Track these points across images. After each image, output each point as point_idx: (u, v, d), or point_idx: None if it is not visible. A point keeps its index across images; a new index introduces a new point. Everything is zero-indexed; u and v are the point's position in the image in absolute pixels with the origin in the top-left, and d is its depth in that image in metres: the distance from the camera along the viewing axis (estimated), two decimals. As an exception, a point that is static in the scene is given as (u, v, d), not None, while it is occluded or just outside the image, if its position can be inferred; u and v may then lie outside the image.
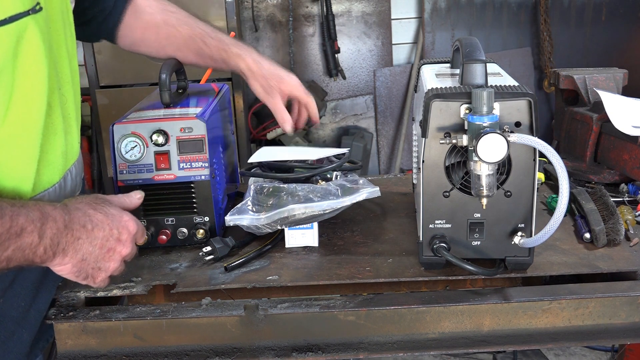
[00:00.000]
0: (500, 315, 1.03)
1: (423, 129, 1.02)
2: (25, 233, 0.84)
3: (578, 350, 2.70)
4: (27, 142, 0.94)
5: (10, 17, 0.84)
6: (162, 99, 1.23)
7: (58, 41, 1.00)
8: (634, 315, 1.03)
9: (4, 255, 0.83)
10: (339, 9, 3.73)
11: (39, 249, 0.86)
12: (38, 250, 0.86)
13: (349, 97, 3.85)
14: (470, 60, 1.01)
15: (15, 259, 0.85)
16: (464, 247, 1.06)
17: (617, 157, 1.45)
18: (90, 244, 0.93)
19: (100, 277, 0.97)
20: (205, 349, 1.03)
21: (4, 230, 0.82)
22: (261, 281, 1.10)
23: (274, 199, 1.21)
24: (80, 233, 0.91)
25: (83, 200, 0.95)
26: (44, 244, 0.87)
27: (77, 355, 1.04)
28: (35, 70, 0.92)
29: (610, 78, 1.62)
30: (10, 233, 0.82)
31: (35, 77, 0.92)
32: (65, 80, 1.03)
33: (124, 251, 0.97)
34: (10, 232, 0.82)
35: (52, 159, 1.00)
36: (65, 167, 1.06)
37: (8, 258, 0.84)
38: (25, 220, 0.84)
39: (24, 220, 0.84)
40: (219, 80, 2.96)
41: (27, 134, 0.93)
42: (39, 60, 0.92)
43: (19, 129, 0.91)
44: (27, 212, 0.85)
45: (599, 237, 1.16)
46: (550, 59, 3.79)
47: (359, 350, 1.03)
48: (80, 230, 0.91)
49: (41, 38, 0.91)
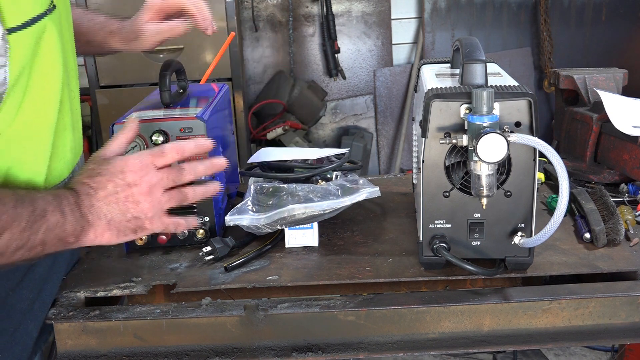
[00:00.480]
0: (500, 315, 1.03)
1: (423, 129, 1.02)
2: (48, 213, 0.85)
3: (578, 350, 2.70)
4: (41, 139, 0.95)
5: (31, 19, 0.86)
6: (162, 99, 1.23)
7: (67, 38, 1.02)
8: (634, 315, 1.03)
9: (37, 239, 0.84)
10: (339, 9, 3.73)
11: (66, 225, 0.87)
12: (66, 227, 0.87)
13: (349, 97, 3.85)
14: (470, 60, 1.01)
15: (49, 241, 0.86)
16: (464, 247, 1.06)
17: (617, 157, 1.45)
18: (105, 204, 0.91)
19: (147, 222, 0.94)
20: (205, 349, 1.03)
21: (29, 212, 0.83)
22: (261, 281, 1.10)
23: (274, 199, 1.21)
24: (89, 201, 0.91)
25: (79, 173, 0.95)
26: (69, 221, 0.88)
27: (77, 355, 1.04)
28: (51, 69, 0.94)
29: (610, 78, 1.62)
30: (35, 215, 0.84)
31: (51, 75, 0.94)
32: (72, 75, 1.06)
33: (142, 188, 0.93)
34: (35, 214, 0.84)
35: (62, 154, 1.02)
36: (74, 162, 1.08)
37: (42, 241, 0.85)
38: (44, 202, 0.86)
39: (42, 202, 0.85)
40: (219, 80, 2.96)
41: (41, 130, 0.95)
42: (55, 58, 0.94)
43: (33, 125, 0.93)
44: (42, 195, 0.87)
45: (599, 237, 1.16)
46: (550, 59, 3.79)
47: (359, 350, 1.03)
48: (87, 199, 0.91)
49: (57, 37, 0.93)
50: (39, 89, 0.92)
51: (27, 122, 0.91)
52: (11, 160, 0.91)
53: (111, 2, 3.00)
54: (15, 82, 0.86)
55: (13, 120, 0.89)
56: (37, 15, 0.87)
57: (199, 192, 1.00)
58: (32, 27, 0.86)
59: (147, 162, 0.94)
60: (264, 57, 3.77)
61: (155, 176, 0.94)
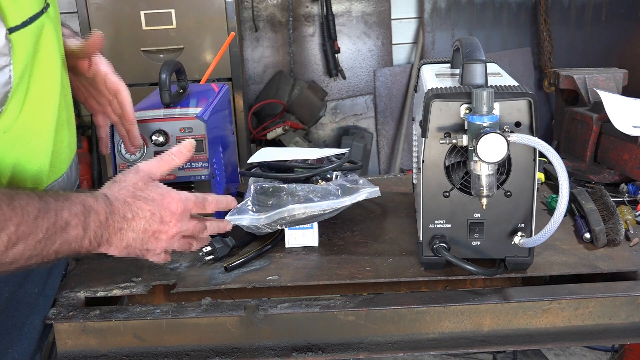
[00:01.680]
0: (500, 315, 1.03)
1: (423, 129, 1.02)
2: (70, 227, 0.86)
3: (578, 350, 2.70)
4: (43, 135, 0.96)
5: (30, 17, 0.87)
6: (162, 99, 1.23)
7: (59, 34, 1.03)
8: (634, 315, 1.03)
9: (52, 249, 0.85)
10: (339, 9, 3.73)
11: (84, 241, 0.88)
12: (84, 242, 0.88)
13: (349, 97, 3.85)
14: (470, 60, 1.01)
15: (62, 251, 0.86)
16: (464, 247, 1.06)
17: (617, 157, 1.45)
18: (133, 231, 0.94)
19: (151, 255, 0.99)
20: (205, 349, 1.03)
21: (50, 224, 0.83)
22: (261, 281, 1.10)
23: (274, 199, 1.21)
24: (121, 224, 0.93)
25: (125, 187, 0.96)
26: (88, 237, 0.88)
27: (77, 355, 1.04)
28: (50, 66, 0.95)
29: (610, 78, 1.62)
30: (56, 227, 0.84)
31: (50, 72, 0.95)
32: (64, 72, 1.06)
33: (171, 231, 0.97)
34: (56, 227, 0.84)
35: (60, 150, 1.03)
36: (70, 157, 1.09)
37: (57, 251, 0.85)
38: (69, 214, 0.86)
39: (67, 214, 0.85)
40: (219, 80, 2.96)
41: (44, 127, 0.96)
42: (54, 55, 0.95)
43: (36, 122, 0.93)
44: (70, 206, 0.87)
45: (599, 237, 1.16)
46: (550, 59, 3.79)
47: (359, 350, 1.03)
48: (121, 222, 0.93)
49: (54, 34, 0.94)
50: (40, 86, 0.92)
51: (30, 119, 0.92)
52: (17, 157, 0.92)
53: (111, 2, 3.00)
54: (19, 80, 0.87)
55: (17, 118, 0.90)
56: (35, 14, 0.88)
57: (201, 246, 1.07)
58: (32, 26, 0.87)
59: (188, 209, 0.99)
60: (264, 57, 3.77)
61: (185, 225, 0.99)
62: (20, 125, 0.90)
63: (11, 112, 0.88)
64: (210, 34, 3.06)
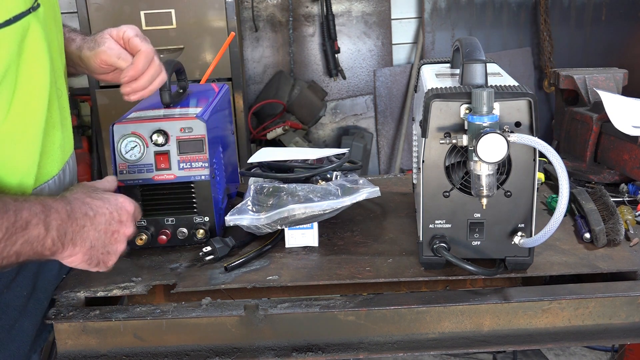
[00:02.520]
0: (500, 315, 1.03)
1: (423, 129, 1.02)
2: (31, 226, 0.85)
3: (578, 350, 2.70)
4: (30, 137, 0.95)
5: (14, 16, 0.86)
6: (162, 99, 1.23)
7: (52, 35, 1.02)
8: (634, 315, 1.03)
9: (13, 250, 0.84)
10: (339, 9, 3.73)
11: (46, 241, 0.87)
12: (46, 242, 0.87)
13: (349, 97, 3.85)
14: (470, 60, 1.01)
15: (24, 252, 0.85)
16: (464, 247, 1.06)
17: (617, 157, 1.45)
18: (95, 230, 0.94)
19: (111, 260, 0.98)
20: (205, 349, 1.03)
21: (10, 224, 0.82)
22: (261, 281, 1.10)
23: (274, 199, 1.21)
24: (84, 221, 0.93)
25: (78, 190, 0.97)
26: (51, 236, 0.87)
27: (77, 355, 1.04)
28: (38, 67, 0.94)
29: (610, 78, 1.62)
30: (16, 227, 0.83)
31: (38, 73, 0.94)
32: (59, 74, 1.06)
33: (128, 231, 0.99)
34: (16, 226, 0.83)
35: (51, 152, 1.02)
36: (64, 159, 1.08)
37: (17, 252, 0.84)
38: (29, 213, 0.85)
39: (27, 213, 0.85)
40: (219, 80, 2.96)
41: (30, 129, 0.95)
42: (41, 56, 0.94)
43: (22, 124, 0.93)
44: (29, 205, 0.86)
45: (599, 237, 1.16)
46: (550, 59, 3.79)
47: (359, 350, 1.03)
48: (83, 219, 0.92)
49: (42, 34, 0.93)
50: (27, 87, 0.92)
51: (17, 120, 0.91)
52: (4, 157, 0.91)
53: (111, 2, 3.00)
54: (2, 79, 0.86)
55: (5, 118, 0.89)
56: (20, 13, 0.87)
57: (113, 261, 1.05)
58: (16, 24, 0.86)
59: (137, 211, 1.02)
60: (264, 57, 3.77)
61: (134, 227, 1.01)
62: (8, 126, 0.90)
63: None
64: (210, 34, 3.06)
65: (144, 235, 1.21)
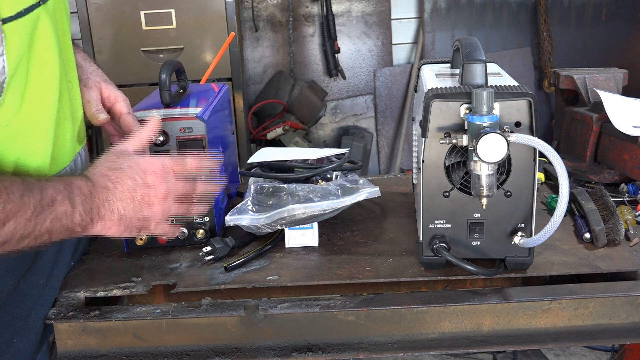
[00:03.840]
0: (500, 315, 1.03)
1: (423, 129, 1.02)
2: (57, 202, 0.86)
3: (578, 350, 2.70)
4: (43, 128, 0.97)
5: (25, 9, 0.87)
6: (162, 99, 1.23)
7: (63, 29, 1.04)
8: (634, 315, 1.03)
9: (44, 228, 0.85)
10: (339, 9, 3.73)
11: (74, 216, 0.88)
12: (74, 217, 0.88)
13: (349, 97, 3.85)
14: (470, 60, 1.01)
15: (55, 230, 0.86)
16: (464, 247, 1.06)
17: (617, 157, 1.45)
18: (120, 200, 0.93)
19: (152, 225, 0.97)
20: (205, 349, 1.03)
21: (37, 202, 0.83)
22: (261, 281, 1.10)
23: (274, 199, 1.21)
24: (105, 194, 0.92)
25: (98, 165, 0.96)
26: (78, 211, 0.88)
27: (77, 355, 1.04)
28: (48, 59, 0.95)
29: (610, 78, 1.62)
30: (42, 204, 0.84)
31: (48, 65, 0.95)
32: (70, 67, 1.08)
33: (159, 192, 0.96)
34: (43, 204, 0.84)
35: (63, 143, 1.03)
36: (75, 150, 1.10)
37: (49, 230, 0.85)
38: (53, 191, 0.86)
39: (52, 191, 0.86)
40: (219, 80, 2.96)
41: (43, 120, 0.96)
42: (51, 48, 0.95)
43: (35, 116, 0.94)
44: (53, 184, 0.87)
45: (599, 237, 1.16)
46: (550, 59, 3.79)
47: (359, 350, 1.03)
48: (104, 192, 0.92)
49: (52, 27, 0.95)
50: (38, 79, 0.93)
51: (30, 112, 0.92)
52: (19, 150, 0.93)
53: (111, 2, 3.00)
54: (15, 71, 0.87)
55: (18, 110, 0.90)
56: (31, 5, 0.88)
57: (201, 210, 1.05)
58: (27, 17, 0.87)
59: (168, 168, 0.98)
60: (264, 57, 3.77)
61: (172, 183, 0.98)
62: (22, 118, 0.91)
63: (11, 104, 0.89)
64: (210, 34, 3.06)
65: (144, 235, 1.21)
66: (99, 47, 3.02)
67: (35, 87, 0.92)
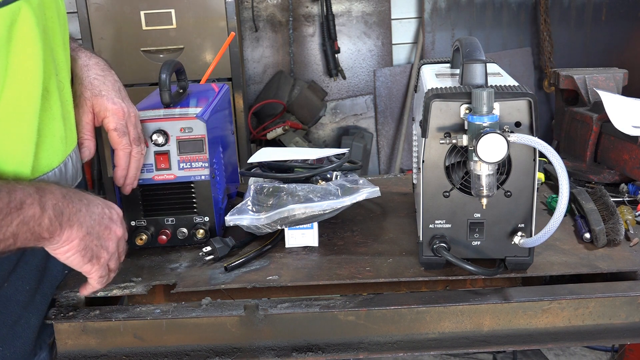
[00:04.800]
0: (500, 315, 1.03)
1: (423, 129, 1.02)
2: (26, 205, 0.84)
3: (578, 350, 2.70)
4: (23, 126, 0.95)
5: (2, 1, 0.85)
6: (162, 99, 1.23)
7: (53, 28, 1.02)
8: (634, 315, 1.03)
9: (9, 231, 0.83)
10: (339, 9, 3.73)
11: (43, 220, 0.86)
12: (43, 222, 0.86)
13: (349, 97, 3.85)
14: (470, 60, 1.01)
15: (21, 234, 0.84)
16: (464, 247, 1.06)
17: (617, 157, 1.45)
18: (90, 217, 0.95)
19: (105, 257, 0.98)
20: (205, 349, 1.03)
21: (4, 204, 0.82)
22: (261, 281, 1.10)
23: (274, 199, 1.21)
24: (79, 205, 0.93)
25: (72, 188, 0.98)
26: (48, 215, 0.87)
27: (77, 355, 1.04)
28: (29, 54, 0.93)
29: (610, 78, 1.62)
30: (10, 207, 0.82)
31: (29, 60, 0.93)
32: (62, 67, 1.06)
33: (118, 231, 1.00)
34: (10, 206, 0.82)
35: (50, 143, 1.01)
36: (66, 152, 1.07)
37: (14, 234, 0.84)
38: (22, 194, 0.84)
39: (21, 194, 0.84)
40: (219, 80, 2.96)
41: (23, 116, 0.94)
42: (33, 44, 0.93)
43: (14, 113, 0.92)
44: (22, 187, 0.86)
45: (599, 237, 1.16)
46: (550, 59, 3.79)
47: (359, 350, 1.03)
48: (78, 203, 0.93)
49: (35, 22, 0.92)
50: (18, 74, 0.91)
51: (9, 108, 0.91)
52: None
53: (111, 2, 3.00)
54: None
55: None
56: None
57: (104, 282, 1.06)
58: (4, 9, 0.86)
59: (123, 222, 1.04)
60: (264, 57, 3.77)
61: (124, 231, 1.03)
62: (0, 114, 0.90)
63: None
64: (210, 34, 3.06)
65: (144, 235, 1.21)
66: (99, 47, 3.02)
67: (14, 83, 0.90)
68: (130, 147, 1.14)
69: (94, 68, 1.18)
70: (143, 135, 1.17)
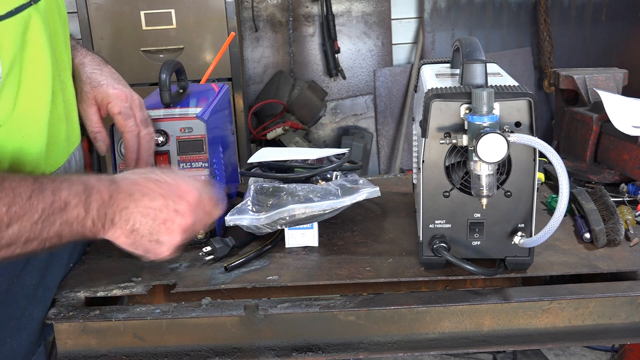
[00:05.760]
0: (500, 315, 1.03)
1: (423, 129, 1.02)
2: (70, 207, 0.83)
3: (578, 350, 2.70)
4: (37, 129, 0.96)
5: (16, 8, 0.86)
6: (162, 99, 1.23)
7: (55, 29, 1.03)
8: (634, 315, 1.03)
9: (52, 231, 0.82)
10: (339, 9, 3.73)
11: (86, 221, 0.85)
12: (86, 223, 0.85)
13: (349, 97, 3.85)
14: (470, 60, 1.01)
15: (65, 234, 0.84)
16: (464, 247, 1.06)
17: (617, 157, 1.45)
18: (141, 213, 0.89)
19: (164, 251, 0.93)
20: (205, 349, 1.03)
21: (47, 205, 0.81)
22: (261, 281, 1.10)
23: (274, 199, 1.21)
24: (127, 202, 0.89)
25: (139, 171, 0.94)
26: (91, 217, 0.86)
27: (77, 355, 1.04)
28: (40, 59, 0.94)
29: (610, 78, 1.62)
30: (53, 207, 0.82)
31: (40, 65, 0.95)
32: (63, 67, 1.07)
33: (184, 222, 0.91)
34: (54, 207, 0.82)
35: (57, 143, 1.02)
36: (69, 150, 1.08)
37: (58, 233, 0.83)
38: (68, 194, 0.83)
39: (66, 194, 0.83)
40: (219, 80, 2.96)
41: (37, 120, 0.95)
42: (42, 49, 0.95)
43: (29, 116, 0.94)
44: (69, 185, 0.84)
45: (599, 237, 1.16)
46: (550, 59, 3.79)
47: (359, 350, 1.03)
48: (126, 199, 0.89)
49: (43, 27, 0.94)
50: (31, 79, 0.92)
51: (24, 112, 0.92)
52: (13, 149, 0.92)
53: (111, 2, 3.00)
54: (9, 72, 0.87)
55: (12, 111, 0.90)
56: (21, 5, 0.88)
57: None
58: (18, 16, 0.87)
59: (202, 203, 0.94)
60: (264, 57, 3.77)
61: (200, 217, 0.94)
62: (15, 119, 0.91)
63: (5, 105, 0.88)
64: (210, 34, 3.06)
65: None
66: (99, 47, 3.02)
67: (28, 87, 0.92)
68: (138, 128, 1.12)
69: (89, 64, 1.18)
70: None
